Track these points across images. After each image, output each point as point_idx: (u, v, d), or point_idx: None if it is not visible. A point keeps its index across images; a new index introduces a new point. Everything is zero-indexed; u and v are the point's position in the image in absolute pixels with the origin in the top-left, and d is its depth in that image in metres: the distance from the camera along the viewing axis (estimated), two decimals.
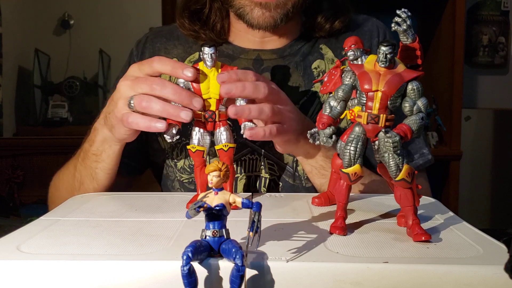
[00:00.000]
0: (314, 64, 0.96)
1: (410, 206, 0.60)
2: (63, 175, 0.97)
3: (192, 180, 0.95)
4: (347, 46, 0.70)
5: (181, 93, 0.71)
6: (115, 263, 0.50)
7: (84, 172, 0.89)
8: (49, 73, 2.62)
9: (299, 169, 0.92)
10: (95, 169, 0.87)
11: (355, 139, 0.59)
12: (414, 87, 0.58)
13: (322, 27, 0.96)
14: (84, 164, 0.89)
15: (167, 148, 0.98)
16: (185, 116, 0.71)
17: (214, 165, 0.50)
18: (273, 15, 0.87)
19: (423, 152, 0.98)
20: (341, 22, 0.96)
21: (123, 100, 0.75)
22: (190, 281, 0.46)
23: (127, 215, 0.69)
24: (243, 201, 0.50)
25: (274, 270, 0.49)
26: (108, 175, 0.88)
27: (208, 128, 0.74)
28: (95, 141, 0.85)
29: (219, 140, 0.74)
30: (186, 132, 0.94)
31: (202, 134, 0.73)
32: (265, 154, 0.92)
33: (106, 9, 2.57)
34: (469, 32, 2.52)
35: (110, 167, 0.87)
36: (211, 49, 0.71)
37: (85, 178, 0.89)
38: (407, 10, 0.59)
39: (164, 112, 0.72)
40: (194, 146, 0.73)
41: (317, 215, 0.68)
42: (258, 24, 0.88)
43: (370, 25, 1.00)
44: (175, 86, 0.72)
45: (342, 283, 0.48)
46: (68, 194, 0.89)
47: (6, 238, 0.59)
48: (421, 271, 0.49)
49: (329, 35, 0.97)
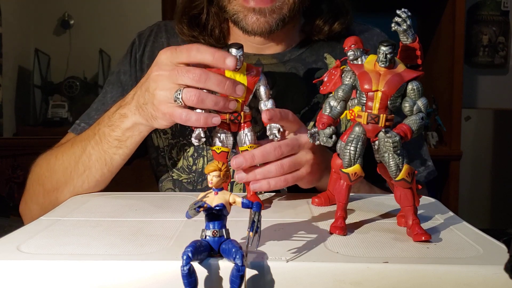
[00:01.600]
0: (317, 74, 0.95)
1: (410, 206, 0.60)
2: (62, 156, 0.91)
3: (191, 181, 0.94)
4: (347, 46, 0.70)
5: (226, 83, 0.70)
6: (115, 263, 0.50)
7: (97, 156, 0.85)
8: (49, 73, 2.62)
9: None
10: (114, 154, 0.84)
11: (355, 139, 0.59)
12: (414, 87, 0.58)
13: (321, 30, 0.95)
14: (99, 148, 0.85)
15: (161, 146, 0.97)
16: (232, 106, 0.71)
17: (214, 165, 0.50)
18: (268, 21, 0.86)
19: (428, 164, 0.99)
20: (340, 24, 0.95)
21: (164, 92, 0.73)
22: (190, 281, 0.46)
23: (127, 215, 0.69)
24: (243, 201, 0.50)
25: (274, 270, 0.49)
26: (123, 162, 0.86)
27: (232, 129, 0.74)
28: (122, 127, 0.82)
29: (243, 141, 0.74)
30: (184, 132, 0.94)
31: (226, 136, 0.73)
32: None
33: (106, 9, 2.57)
34: (469, 32, 2.51)
35: (129, 153, 0.85)
36: (239, 51, 0.71)
37: (96, 163, 0.85)
38: (407, 10, 0.59)
39: (216, 105, 0.71)
40: (219, 148, 0.73)
41: (317, 215, 0.68)
42: (253, 30, 0.87)
43: (376, 39, 0.99)
44: (218, 75, 0.71)
45: (342, 283, 0.48)
46: (65, 176, 0.87)
47: (6, 238, 0.59)
48: (421, 271, 0.49)
49: (330, 38, 0.96)
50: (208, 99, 0.70)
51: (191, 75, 0.70)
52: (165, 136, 0.96)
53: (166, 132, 0.96)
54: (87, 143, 0.87)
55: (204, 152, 0.93)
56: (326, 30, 0.95)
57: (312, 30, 0.95)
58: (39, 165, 0.94)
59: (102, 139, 0.84)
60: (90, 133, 0.87)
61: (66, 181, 0.87)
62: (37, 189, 0.92)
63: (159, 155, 0.97)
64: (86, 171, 0.86)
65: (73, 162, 0.87)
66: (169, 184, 0.96)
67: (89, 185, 0.86)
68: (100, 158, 0.85)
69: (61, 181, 0.87)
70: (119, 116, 0.82)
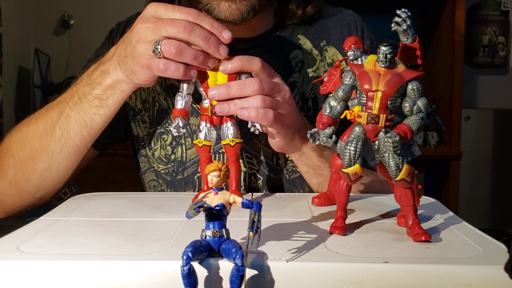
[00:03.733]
0: (292, 54, 0.95)
1: (410, 206, 0.60)
2: (37, 122, 0.86)
3: (169, 171, 0.93)
4: (347, 46, 0.70)
5: (211, 39, 0.68)
6: (115, 263, 0.50)
7: (76, 117, 0.82)
8: (49, 73, 2.62)
9: (281, 162, 0.92)
10: (94, 115, 0.81)
11: (355, 139, 0.59)
12: (414, 87, 0.58)
13: (295, 14, 0.95)
14: (78, 108, 0.81)
15: (141, 135, 0.95)
16: (211, 64, 0.69)
17: (214, 165, 0.50)
18: (239, 7, 0.85)
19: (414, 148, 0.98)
20: (313, 7, 0.95)
21: (145, 44, 0.71)
22: (190, 281, 0.46)
23: (127, 215, 0.69)
24: (243, 201, 0.50)
25: (274, 270, 0.49)
26: (104, 124, 0.83)
27: (214, 122, 0.72)
28: (103, 84, 0.79)
29: (225, 135, 0.72)
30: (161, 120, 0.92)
31: (209, 129, 0.72)
32: (243, 147, 0.90)
33: (106, 9, 2.57)
34: (469, 32, 2.52)
35: (111, 114, 0.82)
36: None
37: (75, 125, 0.82)
38: (407, 10, 0.59)
39: (195, 59, 0.69)
40: (201, 141, 0.72)
41: (317, 215, 0.68)
42: (226, 18, 0.86)
43: (349, 18, 0.99)
44: (205, 31, 0.69)
45: (342, 283, 0.48)
46: (41, 142, 0.84)
47: (6, 238, 0.59)
48: (421, 271, 0.49)
49: (303, 22, 0.96)
50: (188, 51, 0.68)
51: (176, 25, 0.69)
52: (144, 125, 0.95)
53: (144, 121, 0.95)
54: (64, 105, 0.83)
55: (182, 140, 0.92)
56: (300, 13, 0.95)
57: (286, 14, 0.95)
58: (8, 136, 0.90)
59: (81, 99, 0.81)
60: (67, 95, 0.84)
61: (42, 147, 0.84)
62: (5, 162, 0.88)
63: (139, 144, 0.96)
64: (64, 134, 0.83)
65: (49, 126, 0.84)
66: (152, 175, 0.95)
67: (69, 151, 0.83)
68: (79, 120, 0.82)
69: (36, 149, 0.84)
70: (100, 73, 0.79)
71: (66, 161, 0.85)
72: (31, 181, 0.87)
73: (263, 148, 0.91)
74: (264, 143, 0.90)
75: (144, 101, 0.95)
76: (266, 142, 0.89)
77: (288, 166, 0.92)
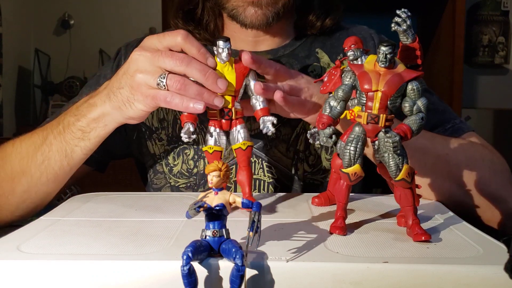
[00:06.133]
0: (310, 68, 0.96)
1: (410, 206, 0.60)
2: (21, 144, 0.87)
3: (190, 185, 0.94)
4: (347, 46, 0.70)
5: (208, 73, 0.69)
6: (115, 263, 0.50)
7: (58, 146, 0.83)
8: (49, 73, 2.63)
9: (299, 173, 0.92)
10: (75, 146, 0.82)
11: (355, 139, 0.59)
12: (414, 87, 0.58)
13: (314, 25, 0.96)
14: (61, 138, 0.82)
15: (157, 153, 0.96)
16: (218, 102, 0.69)
17: (214, 165, 0.51)
18: (265, 13, 0.87)
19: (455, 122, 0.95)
20: (332, 19, 0.97)
21: (144, 74, 0.71)
22: (190, 281, 0.46)
23: (127, 215, 0.69)
24: (243, 201, 0.50)
25: (274, 270, 0.49)
26: (84, 157, 0.84)
27: (224, 127, 0.71)
28: (88, 117, 0.79)
29: (236, 139, 0.71)
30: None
31: (218, 134, 0.71)
32: (263, 157, 0.92)
33: (106, 9, 2.58)
34: (469, 32, 2.52)
35: (92, 148, 0.82)
36: (226, 43, 0.70)
37: (56, 154, 0.83)
38: (407, 10, 0.59)
39: (199, 95, 0.69)
40: (212, 147, 0.70)
41: (317, 215, 0.68)
42: (252, 23, 0.88)
43: (364, 32, 1.00)
44: (202, 64, 0.70)
45: (342, 283, 0.49)
46: (21, 165, 0.84)
47: (6, 238, 0.59)
48: (421, 271, 0.49)
49: (321, 33, 0.98)
50: (192, 87, 0.69)
51: (175, 58, 0.70)
52: (160, 143, 0.95)
53: (161, 139, 0.95)
54: (49, 132, 0.84)
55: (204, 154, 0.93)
56: (319, 25, 0.96)
57: (305, 25, 0.97)
58: None
59: (65, 129, 0.82)
60: (54, 123, 0.85)
61: (22, 170, 0.84)
62: None
63: (155, 162, 0.97)
64: (45, 161, 0.83)
65: (32, 151, 0.84)
66: (167, 191, 0.96)
67: (48, 178, 0.84)
68: (60, 149, 0.82)
69: (16, 170, 0.85)
70: (88, 106, 0.80)
71: (45, 187, 0.86)
72: (11, 201, 0.88)
73: (283, 158, 0.92)
74: (283, 153, 0.92)
75: (161, 120, 0.96)
76: (285, 152, 0.91)
77: (307, 177, 0.92)
